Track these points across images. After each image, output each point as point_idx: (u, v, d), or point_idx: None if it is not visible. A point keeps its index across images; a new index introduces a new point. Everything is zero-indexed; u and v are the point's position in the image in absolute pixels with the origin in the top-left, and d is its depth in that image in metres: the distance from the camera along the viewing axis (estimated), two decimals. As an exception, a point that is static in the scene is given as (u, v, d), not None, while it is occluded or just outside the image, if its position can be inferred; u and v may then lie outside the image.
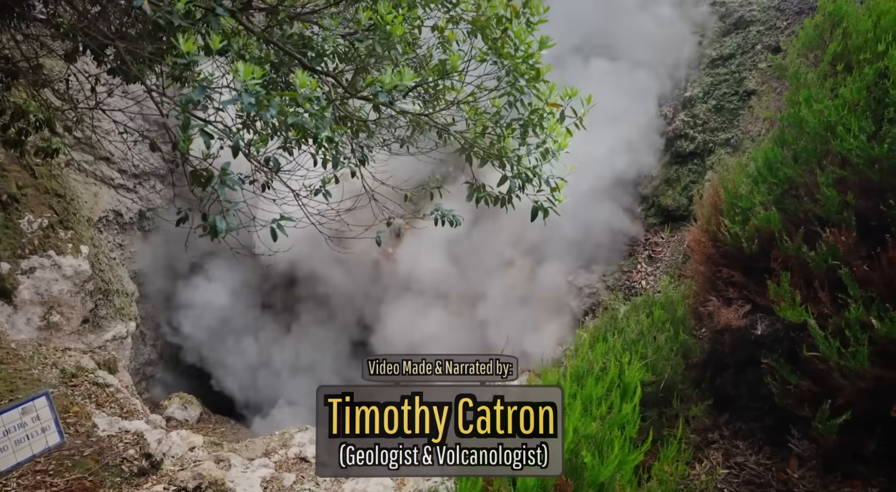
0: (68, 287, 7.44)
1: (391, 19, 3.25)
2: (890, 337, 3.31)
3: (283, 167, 3.98)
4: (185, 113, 2.85)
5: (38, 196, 7.51)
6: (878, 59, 3.85)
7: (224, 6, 3.29)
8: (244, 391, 10.79)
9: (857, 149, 3.61)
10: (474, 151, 4.09)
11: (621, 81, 8.31)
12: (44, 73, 5.06)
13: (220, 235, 3.03)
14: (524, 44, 3.60)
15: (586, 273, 8.09)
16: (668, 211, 8.09)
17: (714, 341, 4.55)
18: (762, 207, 4.18)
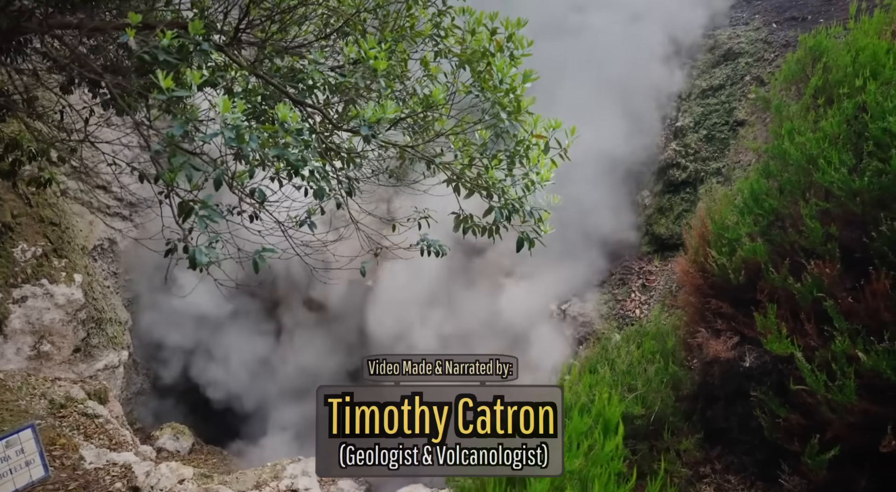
0: (60, 316, 7.41)
1: (374, 54, 3.30)
2: (876, 370, 3.28)
3: (270, 198, 4.00)
4: (172, 146, 2.88)
5: (32, 225, 7.55)
6: (857, 94, 3.90)
7: (212, 41, 3.35)
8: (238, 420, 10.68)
9: (838, 181, 3.63)
10: (462, 182, 4.12)
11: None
12: (39, 105, 5.13)
13: (200, 267, 3.03)
14: (507, 77, 3.64)
15: (580, 302, 8.06)
16: (661, 239, 8.09)
17: (704, 373, 4.51)
18: (748, 239, 4.19)
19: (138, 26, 2.99)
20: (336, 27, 4.10)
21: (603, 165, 8.31)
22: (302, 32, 4.10)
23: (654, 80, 8.82)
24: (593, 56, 8.75)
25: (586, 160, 7.67)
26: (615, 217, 8.52)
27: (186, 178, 3.03)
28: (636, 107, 8.70)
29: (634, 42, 8.78)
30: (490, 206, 3.99)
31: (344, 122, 3.96)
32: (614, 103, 8.50)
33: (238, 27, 3.49)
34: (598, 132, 7.54)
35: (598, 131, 7.55)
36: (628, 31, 8.91)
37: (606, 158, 8.27)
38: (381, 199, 4.46)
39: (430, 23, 3.97)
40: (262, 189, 3.82)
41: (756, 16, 8.77)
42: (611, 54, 8.62)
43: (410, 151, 4.03)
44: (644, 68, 8.75)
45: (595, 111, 8.16)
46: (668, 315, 5.79)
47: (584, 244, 8.33)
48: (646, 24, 8.96)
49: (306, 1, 3.84)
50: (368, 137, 3.33)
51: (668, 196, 8.26)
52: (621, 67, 8.57)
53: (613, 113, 8.44)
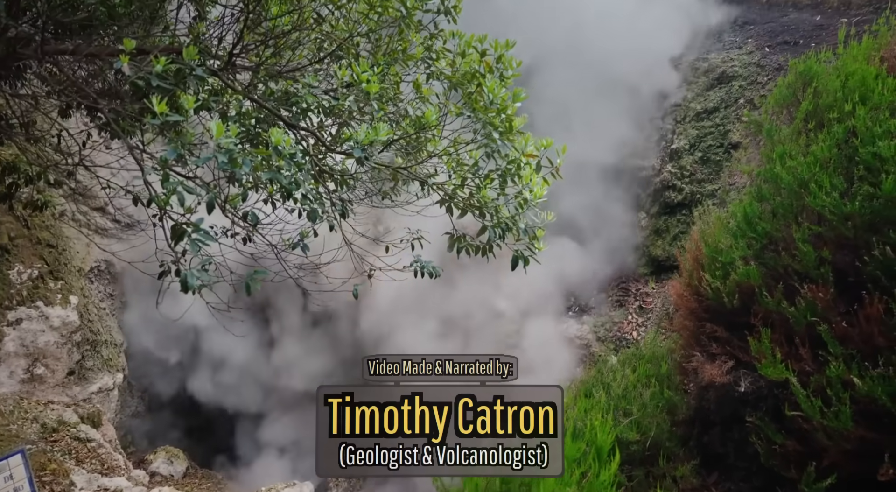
0: (55, 338, 7.37)
1: (366, 78, 3.33)
2: (871, 396, 3.24)
3: (263, 221, 4.01)
4: (165, 170, 2.89)
5: (29, 247, 7.55)
6: (846, 118, 3.92)
7: (206, 66, 3.38)
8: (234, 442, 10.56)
9: (830, 205, 3.63)
10: (454, 202, 4.12)
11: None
12: (36, 129, 5.17)
13: (191, 290, 3.03)
14: (498, 98, 3.68)
15: (577, 324, 8.02)
16: (658, 261, 8.08)
17: (700, 398, 4.47)
18: (742, 262, 4.18)
19: (132, 53, 3.02)
20: (329, 51, 4.15)
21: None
22: (296, 57, 4.15)
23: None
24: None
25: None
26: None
27: (178, 201, 3.05)
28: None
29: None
30: (483, 225, 4.00)
31: (337, 144, 3.98)
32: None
33: (232, 52, 3.53)
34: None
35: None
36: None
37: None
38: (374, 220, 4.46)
39: (422, 46, 4.01)
40: (254, 212, 3.83)
41: (749, 40, 8.87)
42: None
43: (404, 172, 4.05)
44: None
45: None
46: (665, 338, 5.76)
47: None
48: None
49: (300, 26, 3.89)
50: (362, 160, 3.35)
51: (665, 218, 8.27)
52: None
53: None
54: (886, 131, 3.63)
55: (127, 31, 4.13)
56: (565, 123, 8.90)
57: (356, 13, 3.97)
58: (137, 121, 3.67)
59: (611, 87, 9.15)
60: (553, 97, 8.85)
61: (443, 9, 3.97)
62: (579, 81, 9.10)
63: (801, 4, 9.37)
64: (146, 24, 4.22)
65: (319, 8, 3.80)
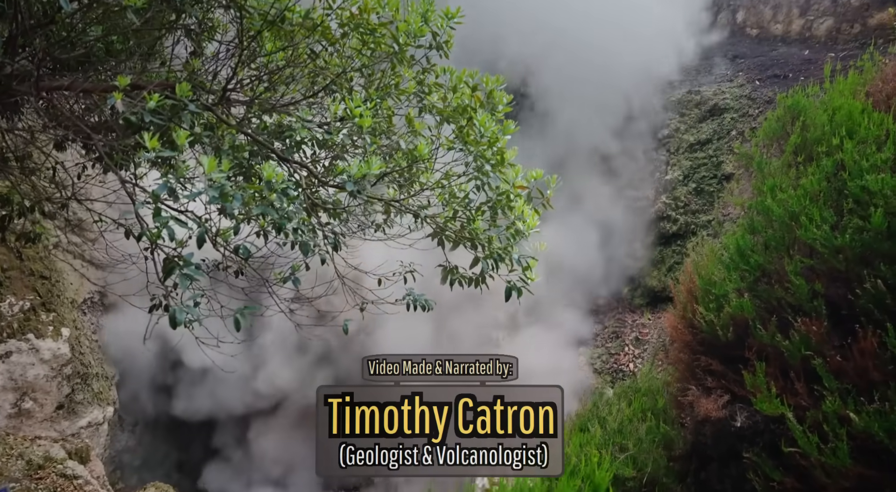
0: (45, 372, 7.28)
1: (359, 112, 3.36)
2: (869, 432, 3.19)
3: (255, 254, 4.00)
4: (157, 204, 2.90)
5: (22, 278, 7.51)
6: (834, 152, 3.96)
7: (200, 102, 3.41)
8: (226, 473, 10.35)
9: (821, 238, 3.63)
10: (446, 235, 4.13)
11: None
12: (32, 161, 5.19)
13: (179, 326, 3.00)
14: (489, 131, 3.71)
15: (574, 354, 7.95)
16: (654, 292, 8.06)
17: (696, 432, 4.40)
18: (736, 294, 4.16)
19: (126, 89, 3.05)
20: (323, 85, 4.20)
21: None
22: (290, 91, 4.19)
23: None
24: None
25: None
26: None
27: (168, 236, 3.04)
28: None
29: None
30: (476, 257, 3.99)
31: (331, 176, 4.00)
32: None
33: (226, 87, 3.57)
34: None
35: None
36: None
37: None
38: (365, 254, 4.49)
39: (415, 80, 4.07)
40: (246, 246, 3.82)
41: (740, 73, 9.03)
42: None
43: (396, 205, 4.06)
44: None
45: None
46: (661, 370, 5.70)
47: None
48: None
49: (294, 62, 3.94)
50: (354, 193, 3.36)
51: (660, 248, 8.28)
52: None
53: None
54: (874, 165, 3.66)
55: (124, 67, 4.18)
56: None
57: (349, 49, 4.04)
58: (131, 155, 3.69)
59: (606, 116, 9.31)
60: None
61: (435, 44, 4.03)
62: (576, 107, 9.27)
63: (789, 39, 9.57)
64: (143, 59, 4.28)
65: (313, 44, 3.86)
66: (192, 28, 4.05)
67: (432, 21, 3.69)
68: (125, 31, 3.73)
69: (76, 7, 3.55)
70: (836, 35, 8.77)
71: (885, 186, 3.53)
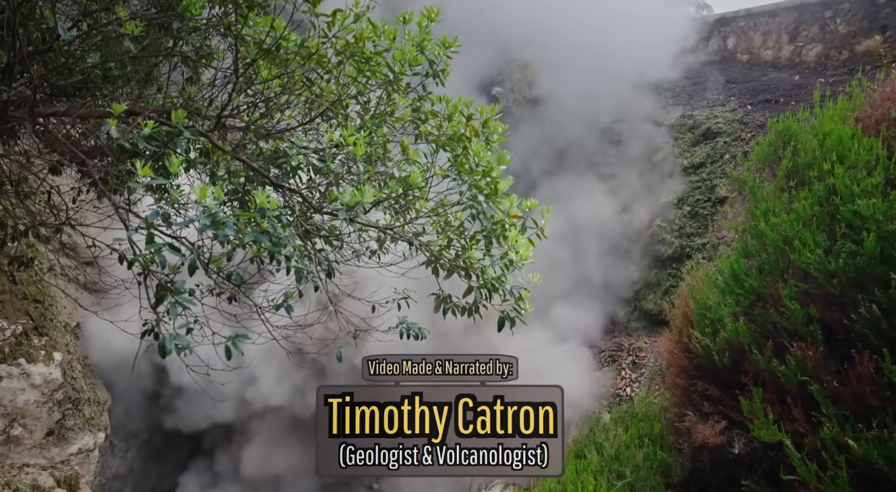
0: (35, 397, 7.18)
1: (353, 141, 3.38)
2: (868, 460, 3.16)
3: (248, 281, 3.98)
4: (150, 230, 2.89)
5: (15, 302, 7.46)
6: (826, 176, 3.99)
7: (195, 128, 3.43)
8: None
9: (814, 263, 3.64)
10: (440, 263, 4.12)
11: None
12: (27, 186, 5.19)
13: (168, 355, 2.97)
14: (483, 160, 3.72)
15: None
16: (650, 315, 8.04)
17: (694, 459, 4.34)
18: (731, 319, 4.15)
19: (121, 116, 3.07)
20: (319, 112, 4.23)
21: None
22: (285, 117, 4.22)
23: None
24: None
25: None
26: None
27: (159, 263, 3.03)
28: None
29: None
30: (469, 286, 3.98)
31: (325, 203, 4.00)
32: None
33: (220, 114, 3.59)
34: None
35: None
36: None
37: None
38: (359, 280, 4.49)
39: (410, 108, 4.10)
40: (239, 272, 3.80)
41: (732, 98, 9.14)
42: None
43: (390, 232, 4.06)
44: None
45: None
46: (657, 395, 5.66)
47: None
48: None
49: (289, 89, 3.98)
50: (347, 221, 3.36)
51: (655, 271, 8.29)
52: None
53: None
54: (865, 190, 3.69)
55: (121, 92, 4.21)
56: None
57: (345, 76, 4.07)
58: (125, 180, 3.69)
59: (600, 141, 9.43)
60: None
61: (432, 72, 4.07)
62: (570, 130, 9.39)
63: (780, 64, 9.72)
64: (140, 85, 4.31)
65: (309, 72, 3.90)
66: (189, 55, 4.09)
67: (429, 49, 3.73)
68: (122, 58, 3.76)
69: (75, 34, 3.58)
70: (825, 61, 8.91)
71: (877, 210, 3.55)
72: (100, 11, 3.59)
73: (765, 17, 10.25)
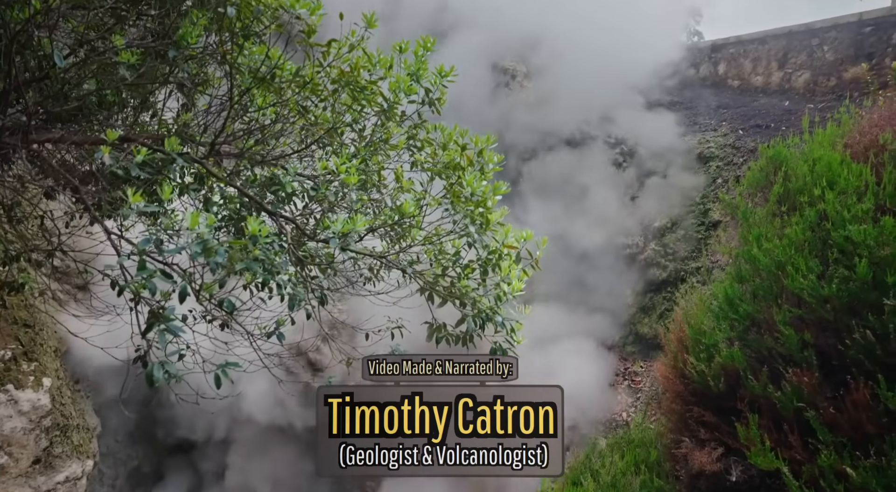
0: (23, 424, 7.06)
1: (344, 170, 3.39)
2: (866, 488, 3.12)
3: (241, 308, 3.95)
4: (142, 257, 2.88)
5: (5, 327, 7.38)
6: (817, 202, 4.01)
7: (189, 154, 3.43)
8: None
9: (808, 288, 3.64)
10: (436, 291, 4.10)
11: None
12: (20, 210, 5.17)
13: (156, 385, 2.93)
14: (478, 190, 3.73)
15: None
16: (645, 339, 8.01)
17: (691, 486, 4.29)
18: (726, 344, 4.14)
19: (115, 143, 3.07)
20: (314, 139, 4.25)
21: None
22: (280, 144, 4.24)
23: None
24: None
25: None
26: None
27: (149, 290, 3.01)
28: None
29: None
30: (463, 315, 3.95)
31: (319, 230, 4.00)
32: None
33: (214, 141, 3.60)
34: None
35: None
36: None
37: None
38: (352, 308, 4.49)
39: (405, 135, 4.12)
40: (230, 299, 3.78)
41: (723, 123, 9.25)
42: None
43: (384, 260, 4.05)
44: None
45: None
46: (654, 420, 5.61)
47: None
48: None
49: (284, 117, 4.00)
50: (338, 248, 3.35)
51: (650, 295, 8.28)
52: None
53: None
54: (855, 216, 3.71)
55: (116, 118, 4.22)
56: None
57: (340, 104, 4.10)
58: (118, 206, 3.68)
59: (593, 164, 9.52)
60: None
61: (427, 101, 4.10)
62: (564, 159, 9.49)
63: (770, 90, 9.86)
64: (135, 111, 4.32)
65: (303, 100, 3.92)
66: (185, 82, 4.12)
67: (425, 78, 3.75)
68: (118, 85, 3.78)
69: (71, 62, 3.60)
70: (814, 87, 9.05)
71: (868, 236, 3.57)
72: (97, 40, 3.61)
73: (754, 44, 10.43)
